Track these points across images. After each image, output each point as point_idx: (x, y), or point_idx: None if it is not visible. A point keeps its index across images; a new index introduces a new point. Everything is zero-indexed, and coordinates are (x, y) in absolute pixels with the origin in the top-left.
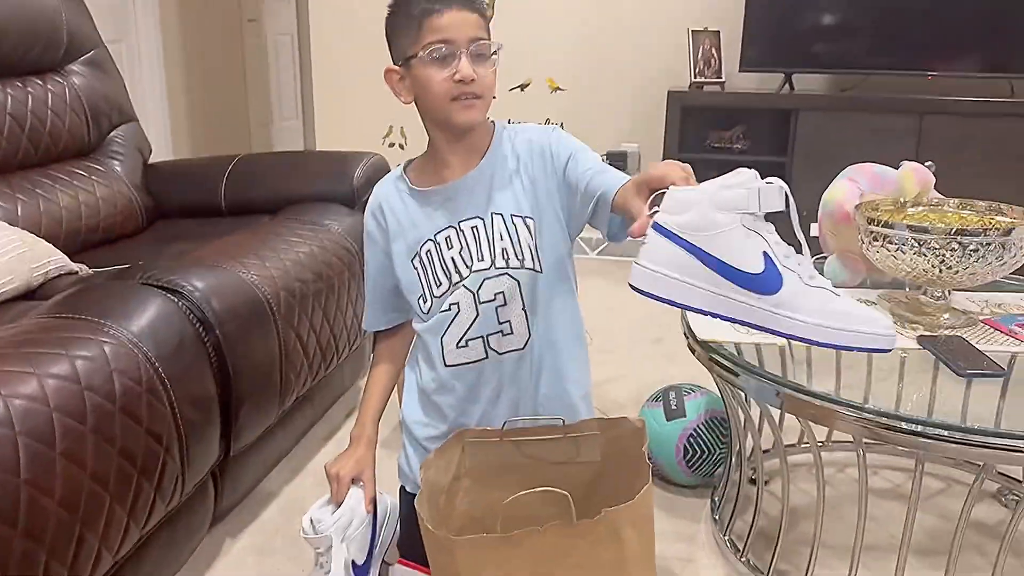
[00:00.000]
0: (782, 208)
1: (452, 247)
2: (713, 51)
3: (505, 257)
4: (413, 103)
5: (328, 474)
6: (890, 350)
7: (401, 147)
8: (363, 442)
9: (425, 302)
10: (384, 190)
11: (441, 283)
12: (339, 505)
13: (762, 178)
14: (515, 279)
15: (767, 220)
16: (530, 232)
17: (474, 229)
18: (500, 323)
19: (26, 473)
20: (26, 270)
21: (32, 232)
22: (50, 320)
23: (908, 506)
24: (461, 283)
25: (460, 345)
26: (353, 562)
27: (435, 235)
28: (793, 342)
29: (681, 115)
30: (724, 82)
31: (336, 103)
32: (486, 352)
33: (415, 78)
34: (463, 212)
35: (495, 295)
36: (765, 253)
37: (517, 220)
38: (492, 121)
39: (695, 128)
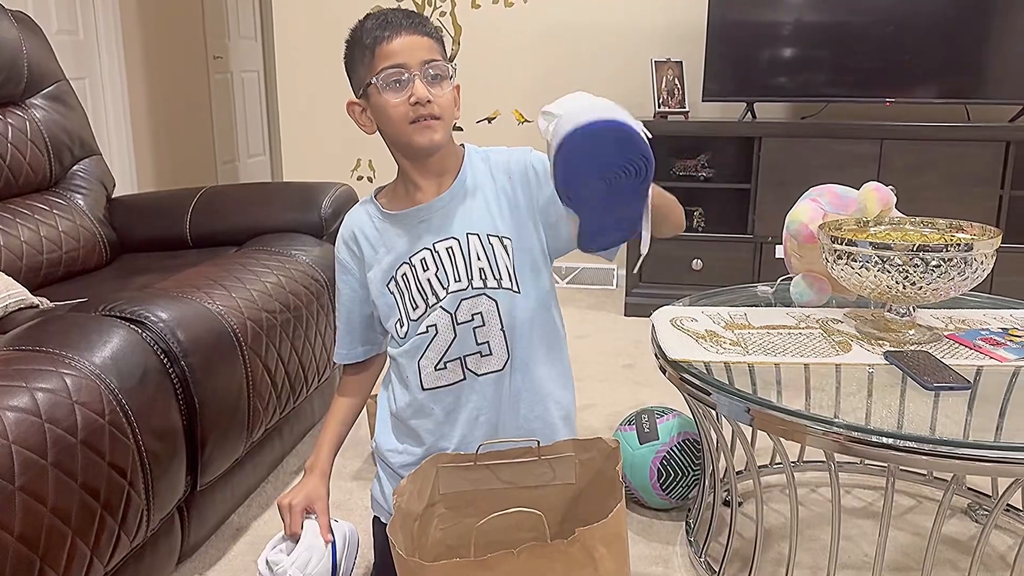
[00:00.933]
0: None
1: (428, 269)
2: (676, 81)
3: (483, 277)
4: (377, 133)
5: (280, 507)
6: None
7: (370, 180)
8: (316, 472)
9: (402, 326)
10: (356, 217)
11: (418, 305)
12: (295, 540)
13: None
14: (492, 299)
15: None
16: (507, 251)
17: (449, 250)
18: (478, 344)
19: None
20: None
21: None
22: (9, 352)
23: (880, 521)
24: (438, 304)
25: (438, 367)
26: None
27: (410, 257)
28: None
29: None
30: (688, 111)
31: (303, 138)
32: (464, 374)
33: (374, 106)
34: (438, 233)
35: (472, 315)
36: None
37: (494, 239)
38: (462, 144)
39: (660, 157)
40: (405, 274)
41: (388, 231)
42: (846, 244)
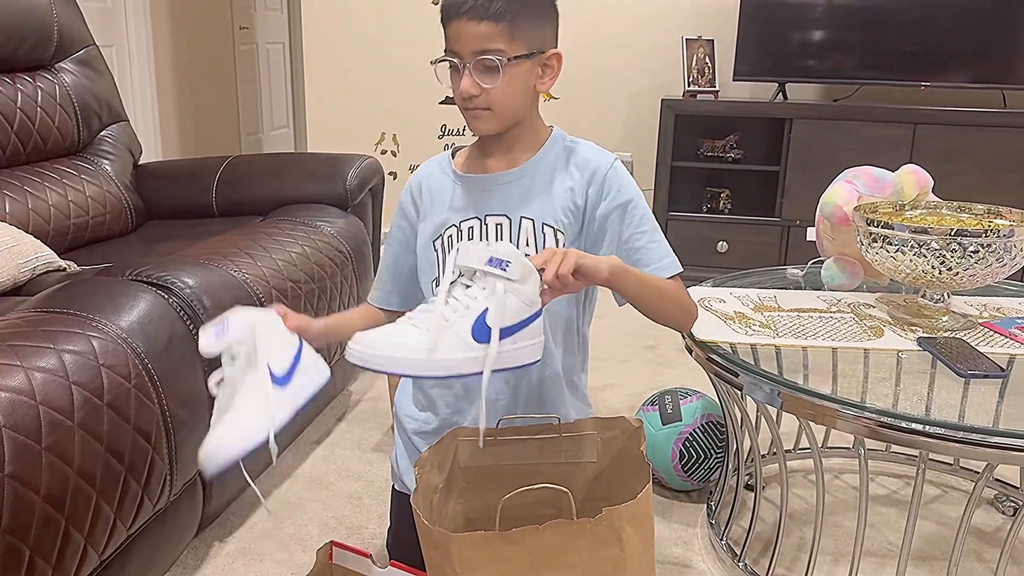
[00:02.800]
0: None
1: (472, 239)
2: (707, 60)
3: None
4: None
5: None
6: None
7: (394, 154)
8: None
9: (437, 286)
10: (426, 168)
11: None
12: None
13: None
14: None
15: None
16: (556, 243)
17: (498, 226)
18: None
19: (11, 467)
20: (13, 266)
21: (20, 229)
22: (37, 314)
23: (909, 509)
24: None
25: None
26: (270, 369)
27: (460, 222)
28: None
29: (675, 124)
30: (718, 91)
31: (328, 111)
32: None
33: None
34: (492, 206)
35: None
36: None
37: (548, 230)
38: (551, 127)
39: (688, 137)
40: (451, 235)
41: (450, 189)
42: (882, 227)
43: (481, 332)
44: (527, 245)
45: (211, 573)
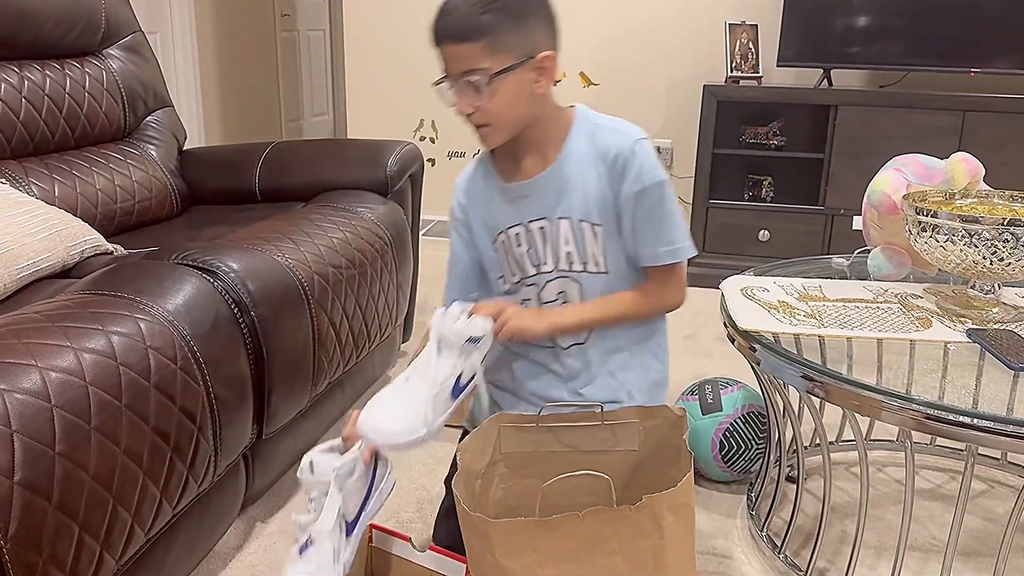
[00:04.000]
0: None
1: (520, 245)
2: (751, 45)
3: (569, 261)
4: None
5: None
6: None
7: (432, 140)
8: None
9: (504, 283)
10: (468, 171)
11: (514, 274)
12: (343, 453)
13: None
14: (577, 281)
15: None
16: (595, 237)
17: (542, 230)
18: None
19: (61, 445)
20: (62, 248)
21: (68, 212)
22: (86, 296)
23: (956, 503)
24: (528, 280)
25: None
26: (344, 518)
27: (507, 229)
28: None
29: (717, 110)
30: (761, 76)
31: (368, 97)
32: (551, 343)
33: None
34: (533, 212)
35: (557, 295)
36: None
37: (584, 225)
38: (573, 107)
39: (731, 123)
40: (504, 241)
41: (491, 193)
42: (931, 216)
43: (457, 391)
44: (566, 243)
45: (253, 552)
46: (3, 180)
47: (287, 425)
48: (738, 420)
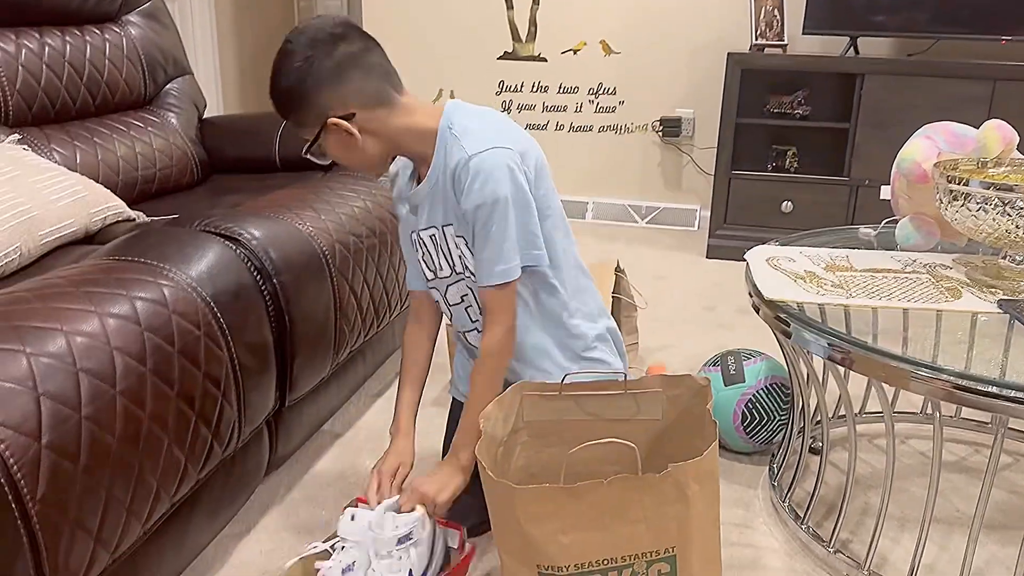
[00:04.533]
0: None
1: (418, 250)
2: (776, 12)
3: (464, 265)
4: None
5: (373, 474)
6: None
7: None
8: (400, 435)
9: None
10: (400, 167)
11: (426, 275)
12: (396, 509)
13: None
14: (469, 286)
15: None
16: (466, 245)
17: (432, 238)
18: (473, 321)
19: (87, 408)
20: (85, 215)
21: (91, 179)
22: (110, 262)
23: (984, 475)
24: (431, 283)
25: (458, 337)
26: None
27: (412, 232)
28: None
29: (740, 79)
30: (786, 44)
31: None
32: (468, 350)
33: None
34: (424, 219)
35: (461, 298)
36: None
37: (459, 239)
38: (440, 114)
39: (755, 92)
40: (415, 242)
41: (407, 197)
42: (963, 184)
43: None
44: (456, 247)
45: (276, 518)
46: (26, 146)
47: (310, 392)
48: (760, 391)
